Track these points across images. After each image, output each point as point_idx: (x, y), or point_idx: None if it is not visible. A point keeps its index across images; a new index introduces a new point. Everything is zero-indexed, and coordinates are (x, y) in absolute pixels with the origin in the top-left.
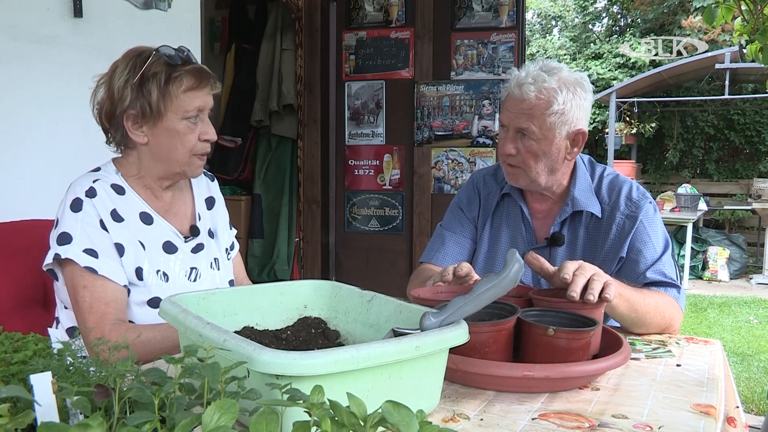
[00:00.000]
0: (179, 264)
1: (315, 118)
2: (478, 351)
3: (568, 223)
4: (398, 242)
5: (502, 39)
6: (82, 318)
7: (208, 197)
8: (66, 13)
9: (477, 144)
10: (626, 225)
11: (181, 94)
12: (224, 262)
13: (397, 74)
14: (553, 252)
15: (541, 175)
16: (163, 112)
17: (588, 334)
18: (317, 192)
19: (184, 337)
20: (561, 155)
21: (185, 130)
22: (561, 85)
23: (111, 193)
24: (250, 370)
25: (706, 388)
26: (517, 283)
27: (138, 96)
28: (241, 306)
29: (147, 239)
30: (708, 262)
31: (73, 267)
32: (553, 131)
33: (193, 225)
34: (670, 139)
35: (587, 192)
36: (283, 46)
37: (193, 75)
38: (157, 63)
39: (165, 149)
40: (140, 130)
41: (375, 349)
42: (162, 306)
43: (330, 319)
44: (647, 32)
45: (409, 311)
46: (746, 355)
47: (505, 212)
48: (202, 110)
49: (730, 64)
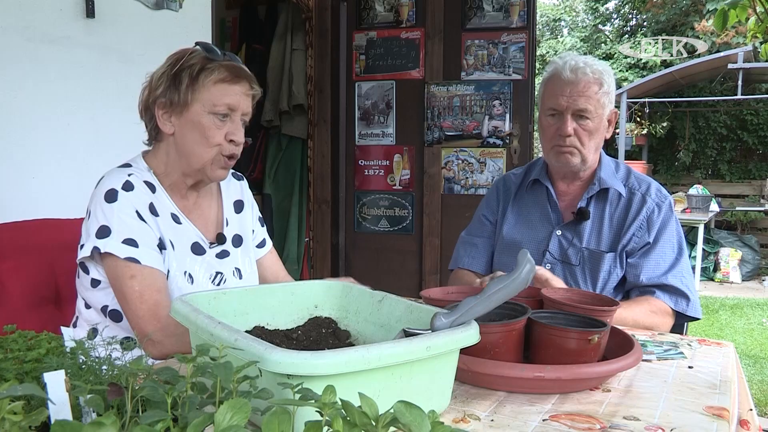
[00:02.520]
0: (205, 267)
1: (325, 118)
2: (488, 351)
3: (594, 200)
4: (408, 242)
5: (513, 39)
6: (132, 309)
7: (237, 200)
8: (78, 13)
9: (487, 144)
10: (656, 212)
11: (210, 85)
12: (248, 271)
13: (407, 74)
14: (579, 227)
15: (591, 152)
16: (189, 102)
17: (599, 334)
18: (327, 192)
19: (195, 336)
20: (603, 133)
21: (210, 125)
22: (604, 68)
23: (146, 189)
24: (262, 370)
25: (719, 391)
26: (528, 283)
27: (170, 85)
28: (252, 306)
29: (176, 239)
30: (720, 264)
31: (114, 260)
32: (603, 109)
33: (219, 233)
34: (682, 140)
35: (611, 175)
36: (293, 46)
37: (227, 69)
38: (195, 56)
39: (189, 142)
40: (169, 120)
41: (386, 350)
42: (173, 305)
43: (341, 319)
44: (659, 33)
45: (419, 311)
46: (759, 357)
47: (529, 198)
48: (233, 109)
49: (743, 64)
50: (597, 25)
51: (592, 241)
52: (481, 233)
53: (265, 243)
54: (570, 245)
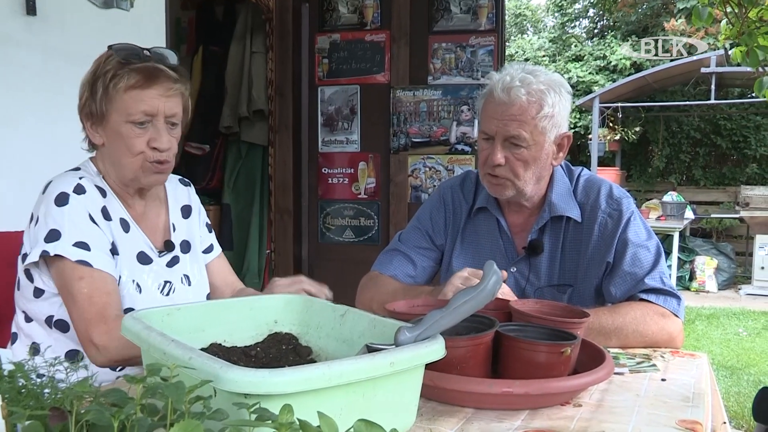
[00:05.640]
0: (153, 276)
1: (287, 125)
2: (455, 366)
3: (549, 230)
4: (374, 253)
5: (481, 42)
6: (79, 312)
7: (185, 206)
8: (17, 10)
9: (455, 151)
10: (609, 224)
11: (122, 94)
12: (197, 277)
13: (372, 79)
14: (534, 262)
15: (528, 184)
16: (106, 113)
17: (570, 346)
18: (289, 201)
19: (147, 355)
20: (548, 161)
21: (129, 135)
22: (548, 86)
23: (97, 193)
24: (217, 390)
25: (692, 404)
26: (495, 295)
27: (90, 95)
28: (209, 322)
29: (124, 247)
30: (695, 273)
31: (63, 263)
32: (543, 136)
33: (167, 240)
34: (656, 144)
35: (566, 196)
36: (253, 48)
37: (138, 73)
38: (111, 61)
39: (116, 153)
40: (96, 131)
41: (348, 366)
42: (124, 323)
43: (302, 335)
44: (629, 34)
45: (383, 326)
46: (735, 368)
47: (479, 227)
48: (151, 115)
49: (716, 68)
50: (565, 24)
51: (554, 276)
52: (421, 252)
53: (212, 248)
54: (527, 283)
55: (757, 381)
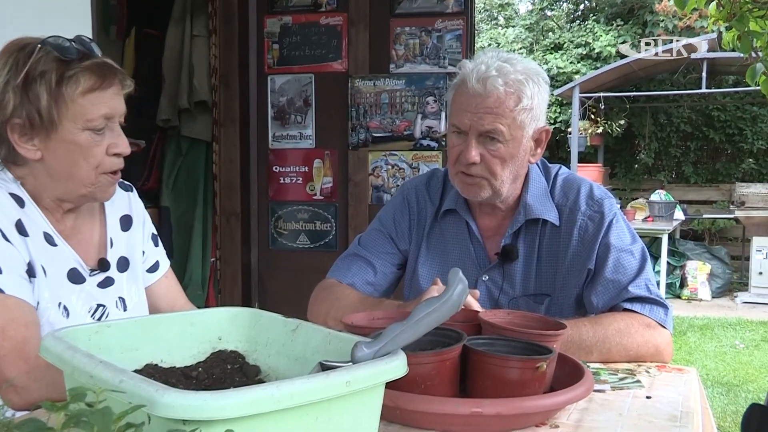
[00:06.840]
0: (84, 297)
1: (233, 118)
2: (419, 385)
3: (523, 234)
4: (331, 260)
5: (449, 26)
6: None
7: (124, 216)
8: None
9: (420, 147)
10: (589, 228)
11: (78, 98)
12: (134, 300)
13: (328, 66)
14: (508, 269)
15: (505, 184)
16: (57, 121)
17: (546, 361)
18: (236, 203)
19: (71, 380)
20: (525, 158)
21: (88, 143)
22: (527, 76)
23: (12, 203)
24: (151, 416)
25: (680, 423)
26: (461, 306)
27: (23, 101)
28: (143, 340)
29: (49, 265)
30: (687, 279)
31: None
32: (521, 130)
33: (102, 258)
34: (642, 139)
35: (542, 197)
36: (194, 32)
37: (93, 72)
38: (45, 59)
39: (64, 166)
40: (30, 144)
41: (299, 386)
42: (44, 343)
43: (249, 353)
44: (614, 17)
45: (339, 341)
46: (732, 385)
47: (446, 231)
48: (110, 118)
49: (707, 53)
50: (544, 9)
51: (530, 285)
52: (383, 257)
53: (158, 267)
54: (501, 292)
55: (756, 399)
